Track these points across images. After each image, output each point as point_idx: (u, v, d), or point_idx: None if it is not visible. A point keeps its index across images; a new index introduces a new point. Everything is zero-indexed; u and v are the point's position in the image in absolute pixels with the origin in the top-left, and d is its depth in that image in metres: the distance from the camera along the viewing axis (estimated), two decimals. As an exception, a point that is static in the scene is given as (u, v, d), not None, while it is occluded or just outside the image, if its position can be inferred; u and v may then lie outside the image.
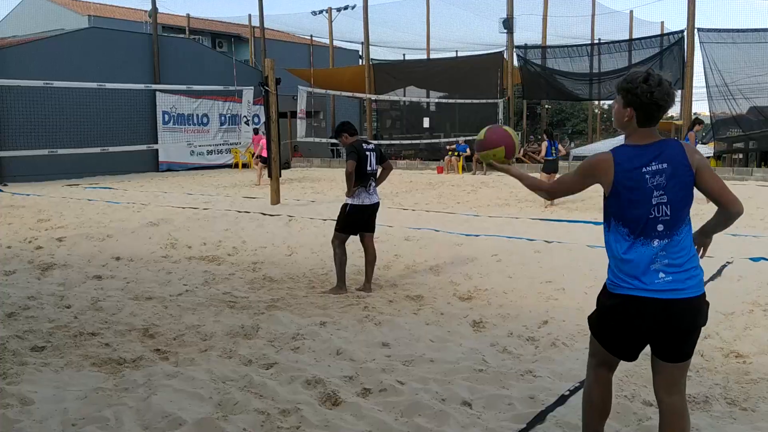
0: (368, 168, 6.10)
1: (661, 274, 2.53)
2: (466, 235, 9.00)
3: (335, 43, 29.43)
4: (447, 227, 9.67)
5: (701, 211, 3.80)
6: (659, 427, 2.73)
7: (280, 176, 12.95)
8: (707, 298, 2.63)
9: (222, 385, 3.81)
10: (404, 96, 26.70)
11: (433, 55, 27.09)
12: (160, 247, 8.50)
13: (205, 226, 10.10)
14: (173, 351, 4.49)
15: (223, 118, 23.70)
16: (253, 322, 5.07)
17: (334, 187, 16.30)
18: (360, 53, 31.89)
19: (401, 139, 25.37)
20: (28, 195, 14.82)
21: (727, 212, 2.63)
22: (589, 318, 2.83)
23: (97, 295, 5.98)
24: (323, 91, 18.58)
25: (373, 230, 6.36)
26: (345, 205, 6.22)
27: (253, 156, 17.13)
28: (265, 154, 16.89)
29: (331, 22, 28.38)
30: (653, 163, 2.54)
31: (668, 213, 2.54)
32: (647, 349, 2.71)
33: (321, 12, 28.46)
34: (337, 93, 18.85)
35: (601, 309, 2.74)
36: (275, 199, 12.51)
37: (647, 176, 2.54)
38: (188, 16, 30.31)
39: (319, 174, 21.09)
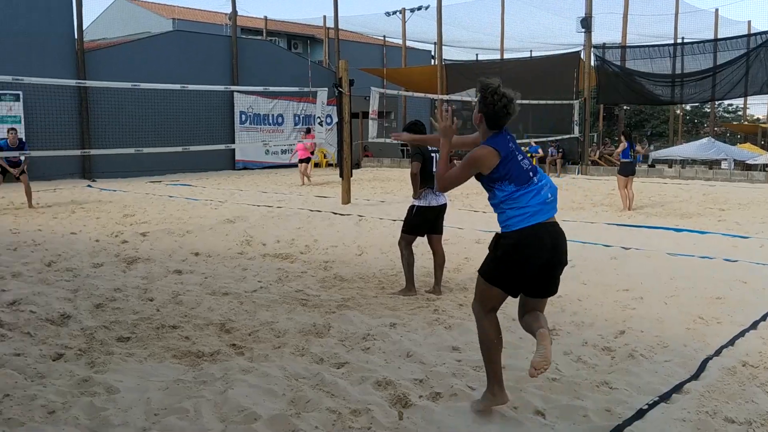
0: (434, 169, 6.03)
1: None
2: (539, 239, 8.83)
3: (408, 43, 29.52)
4: (519, 231, 9.51)
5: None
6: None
7: (351, 176, 13.09)
8: None
9: (295, 383, 3.89)
10: (476, 97, 26.44)
11: (507, 56, 26.74)
12: (236, 243, 8.74)
13: (278, 224, 10.34)
14: (248, 346, 4.62)
15: (297, 118, 24.18)
16: (324, 320, 5.14)
17: (404, 188, 16.35)
18: (432, 53, 31.86)
19: (473, 140, 25.12)
20: (114, 191, 15.57)
21: None
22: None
23: (178, 289, 6.22)
24: (395, 91, 18.64)
25: (440, 232, 6.33)
26: (411, 207, 6.22)
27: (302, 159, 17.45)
28: (301, 156, 17.04)
29: (404, 22, 28.47)
30: None
31: None
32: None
33: (394, 13, 28.62)
34: (409, 93, 18.86)
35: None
36: (346, 198, 12.67)
37: None
38: (266, 19, 31.07)
39: (389, 174, 21.20)
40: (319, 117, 13.12)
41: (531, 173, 3.39)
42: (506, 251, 3.34)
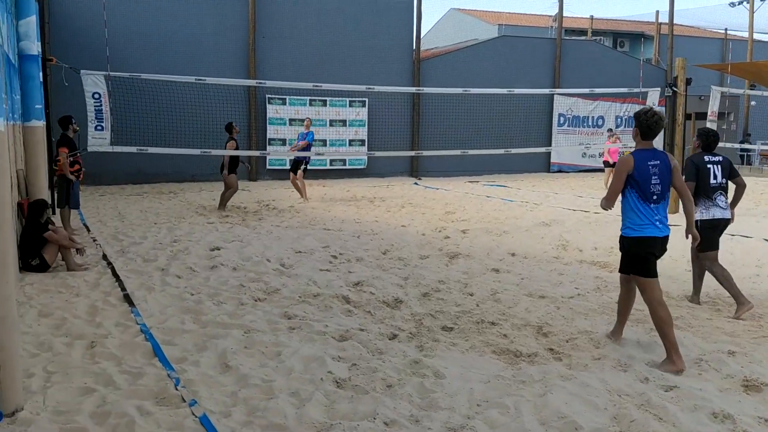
0: (712, 181, 5.79)
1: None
2: None
3: (755, 36, 25.91)
4: None
5: None
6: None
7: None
8: None
9: (617, 398, 3.73)
10: None
11: None
12: (552, 247, 8.70)
13: (596, 230, 9.99)
14: (566, 353, 4.57)
15: (619, 120, 23.04)
16: (649, 338, 4.83)
17: (744, 198, 14.42)
18: (788, 45, 27.55)
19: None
20: (437, 189, 16.75)
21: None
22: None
23: (495, 287, 6.44)
24: (740, 90, 16.53)
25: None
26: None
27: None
28: (607, 159, 15.88)
29: (752, 12, 25.05)
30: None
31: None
32: None
33: (740, 3, 25.36)
34: (757, 93, 16.53)
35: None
36: (674, 207, 11.64)
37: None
38: (591, 18, 30.21)
39: (725, 183, 18.88)
40: (647, 119, 12.29)
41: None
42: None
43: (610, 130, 18.15)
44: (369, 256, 7.94)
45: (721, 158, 5.92)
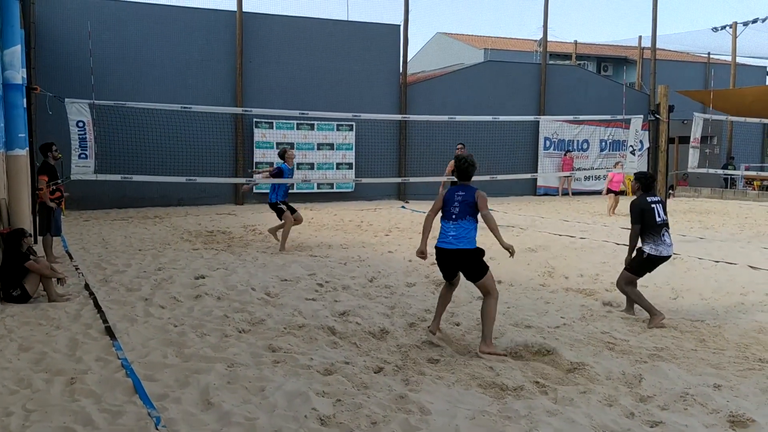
0: (657, 219, 6.41)
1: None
2: None
3: (738, 59, 26.37)
4: None
5: None
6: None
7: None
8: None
9: (603, 436, 3.70)
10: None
11: None
12: (538, 274, 8.71)
13: (581, 256, 10.03)
14: (552, 386, 4.54)
15: (603, 143, 23.28)
16: (634, 370, 4.82)
17: (727, 223, 14.58)
18: (769, 70, 28.04)
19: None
20: (423, 212, 16.76)
21: None
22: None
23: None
24: (723, 116, 16.77)
25: None
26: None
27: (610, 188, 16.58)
28: (613, 187, 16.06)
29: (735, 37, 25.53)
30: None
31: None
32: None
33: (723, 28, 25.83)
34: (739, 119, 16.79)
35: None
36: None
37: None
38: (575, 43, 30.62)
39: (708, 206, 19.07)
40: (631, 146, 12.42)
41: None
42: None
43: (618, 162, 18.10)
44: (355, 284, 7.91)
45: (659, 198, 6.61)
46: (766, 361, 5.07)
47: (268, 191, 11.27)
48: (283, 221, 10.58)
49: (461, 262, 5.43)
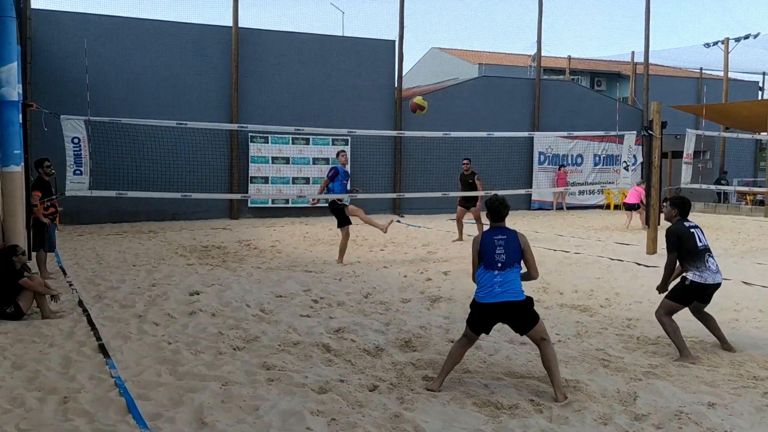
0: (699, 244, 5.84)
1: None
2: None
3: (730, 74, 26.61)
4: None
5: None
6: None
7: (659, 224, 12.12)
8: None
9: (598, 455, 3.70)
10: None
11: None
12: (533, 290, 8.69)
13: (576, 271, 10.04)
14: (547, 404, 4.54)
15: (597, 158, 23.41)
16: (629, 388, 4.82)
17: (721, 237, 14.64)
18: (761, 85, 28.31)
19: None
20: (419, 227, 16.79)
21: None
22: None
23: (477, 333, 6.40)
24: (715, 133, 16.90)
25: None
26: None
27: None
28: (630, 200, 16.24)
29: (727, 53, 25.76)
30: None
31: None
32: None
33: (715, 44, 26.08)
34: (731, 135, 16.91)
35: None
36: (652, 248, 11.78)
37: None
38: (569, 58, 30.85)
39: (702, 220, 19.09)
40: (625, 161, 12.49)
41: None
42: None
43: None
44: (350, 300, 7.90)
45: (695, 223, 6.08)
46: (760, 379, 5.08)
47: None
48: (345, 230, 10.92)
49: (511, 315, 4.87)
